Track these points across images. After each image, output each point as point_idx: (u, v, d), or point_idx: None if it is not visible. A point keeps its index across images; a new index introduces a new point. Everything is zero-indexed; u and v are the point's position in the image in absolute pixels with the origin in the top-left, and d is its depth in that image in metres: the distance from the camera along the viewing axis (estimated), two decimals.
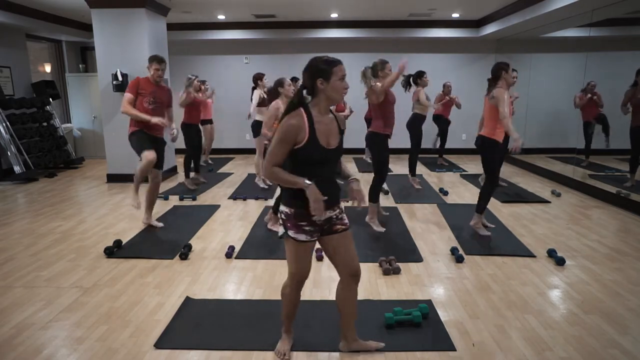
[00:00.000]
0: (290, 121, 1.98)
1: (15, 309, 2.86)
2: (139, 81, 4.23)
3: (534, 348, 2.41)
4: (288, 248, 2.17)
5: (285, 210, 2.11)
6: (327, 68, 2.00)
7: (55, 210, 5.16)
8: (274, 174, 2.02)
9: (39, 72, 8.79)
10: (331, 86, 2.01)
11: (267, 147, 4.00)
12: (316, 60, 2.02)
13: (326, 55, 2.06)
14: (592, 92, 6.61)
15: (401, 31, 8.65)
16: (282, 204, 2.13)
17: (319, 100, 2.05)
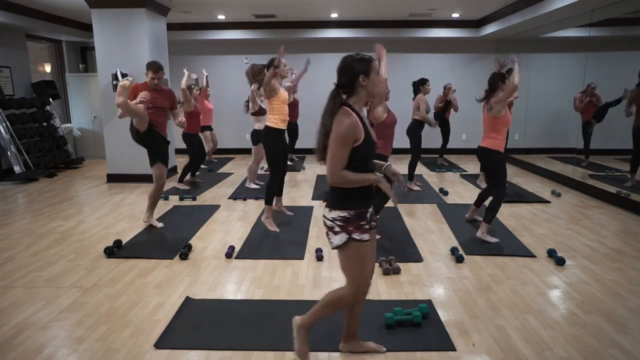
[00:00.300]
0: (347, 121, 1.94)
1: (15, 309, 2.86)
2: (137, 87, 4.21)
3: (534, 348, 2.41)
4: (352, 254, 2.05)
5: (342, 214, 2.01)
6: (366, 64, 1.99)
7: (55, 210, 5.16)
8: (344, 177, 1.96)
9: (39, 72, 8.78)
10: (372, 81, 2.00)
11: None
12: (352, 59, 2.00)
13: (357, 53, 2.03)
14: (591, 95, 6.61)
15: (401, 31, 8.65)
16: (333, 210, 2.03)
17: (359, 98, 2.03)
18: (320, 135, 2.03)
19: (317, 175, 7.22)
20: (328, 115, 2.00)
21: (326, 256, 3.74)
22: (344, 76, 2.01)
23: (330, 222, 2.04)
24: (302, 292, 3.11)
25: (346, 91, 2.02)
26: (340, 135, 1.93)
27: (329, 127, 1.98)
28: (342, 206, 2.02)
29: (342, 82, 2.02)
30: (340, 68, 2.02)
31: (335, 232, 2.03)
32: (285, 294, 3.07)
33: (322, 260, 3.66)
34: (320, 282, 3.26)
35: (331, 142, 1.95)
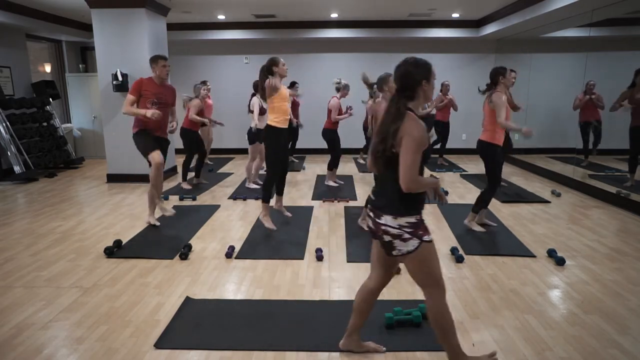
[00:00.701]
0: (420, 127, 1.91)
1: (15, 309, 2.86)
2: (142, 82, 4.23)
3: (534, 348, 2.41)
4: (426, 255, 2.00)
5: (411, 220, 1.96)
6: (427, 69, 1.99)
7: (55, 210, 5.16)
8: (419, 183, 1.93)
9: (39, 72, 8.79)
10: (431, 86, 2.00)
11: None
12: (414, 64, 1.98)
13: (413, 58, 2.00)
14: (590, 93, 6.61)
15: (401, 31, 8.65)
16: (399, 217, 1.96)
17: (419, 102, 2.01)
18: (380, 142, 1.97)
19: (317, 175, 7.22)
20: (392, 122, 1.94)
21: (326, 256, 3.74)
22: (406, 82, 1.98)
23: (397, 230, 1.96)
24: (302, 292, 3.11)
25: (407, 95, 1.98)
26: (416, 141, 1.89)
27: (392, 133, 1.92)
28: (410, 212, 1.98)
29: (404, 88, 1.98)
30: (402, 74, 1.98)
31: (404, 239, 1.97)
32: (285, 294, 3.07)
33: (322, 260, 3.66)
34: (320, 282, 3.26)
35: (406, 148, 1.88)
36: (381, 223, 2.00)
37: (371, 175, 7.15)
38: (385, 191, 2.03)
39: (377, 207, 2.04)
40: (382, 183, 2.08)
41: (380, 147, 1.96)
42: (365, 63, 9.14)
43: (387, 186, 2.01)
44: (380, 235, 2.02)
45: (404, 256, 2.00)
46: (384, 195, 2.03)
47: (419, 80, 1.96)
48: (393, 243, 1.99)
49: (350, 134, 8.69)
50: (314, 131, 8.68)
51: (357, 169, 7.80)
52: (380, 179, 2.09)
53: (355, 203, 5.49)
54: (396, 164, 1.92)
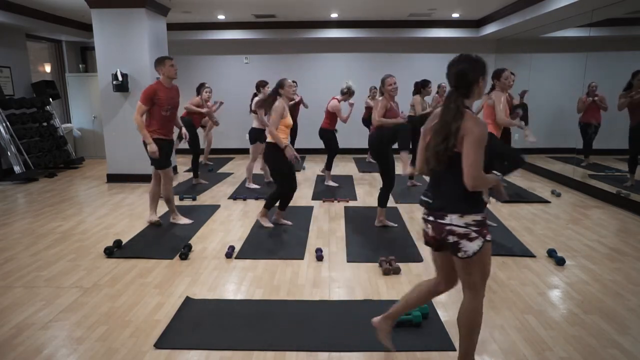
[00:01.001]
0: (482, 124, 1.90)
1: (15, 309, 2.86)
2: (154, 89, 4.16)
3: (534, 348, 2.41)
4: (486, 256, 1.97)
5: (477, 218, 1.93)
6: (484, 66, 1.98)
7: (55, 210, 5.16)
8: (484, 180, 1.91)
9: (39, 72, 8.79)
10: (485, 82, 2.00)
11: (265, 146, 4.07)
12: (472, 60, 1.97)
13: (468, 55, 2.00)
14: (593, 95, 6.60)
15: (401, 31, 8.65)
16: (465, 216, 1.92)
17: (473, 100, 2.00)
18: (442, 141, 1.91)
19: (317, 175, 7.22)
20: (453, 120, 1.90)
21: (326, 256, 3.74)
22: (463, 80, 1.95)
23: (464, 229, 1.92)
24: (302, 292, 3.11)
25: (462, 93, 1.96)
26: (480, 138, 1.87)
27: (454, 132, 1.88)
28: (475, 210, 1.94)
29: (460, 85, 1.96)
30: (458, 72, 1.96)
31: (470, 239, 1.92)
32: (285, 294, 3.07)
33: (322, 260, 3.66)
34: (320, 282, 3.26)
35: (469, 146, 1.86)
36: (445, 223, 1.95)
37: (371, 175, 7.16)
38: (446, 191, 1.98)
39: (438, 208, 1.98)
40: (441, 183, 2.01)
41: (442, 146, 1.91)
42: (365, 63, 9.15)
43: (449, 186, 1.97)
44: (444, 237, 1.97)
45: (469, 259, 1.94)
46: (445, 195, 1.98)
47: (475, 78, 1.95)
48: (459, 244, 1.93)
49: (350, 134, 8.70)
50: (313, 131, 8.67)
51: (357, 169, 7.80)
52: (440, 179, 2.02)
53: (355, 203, 5.49)
54: (458, 163, 1.89)
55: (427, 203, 2.04)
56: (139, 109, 4.15)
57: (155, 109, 4.19)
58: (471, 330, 2.05)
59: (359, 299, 3.00)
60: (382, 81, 4.26)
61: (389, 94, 4.22)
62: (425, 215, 2.06)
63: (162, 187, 4.46)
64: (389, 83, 4.21)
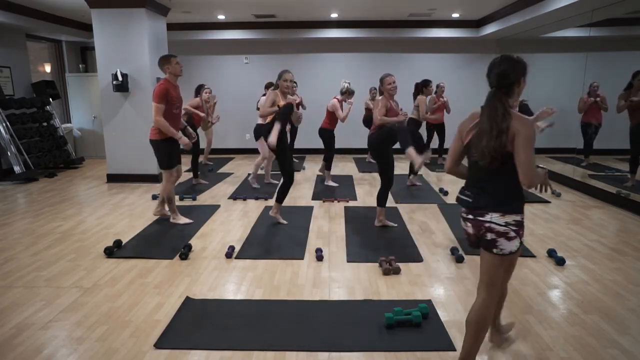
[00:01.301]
0: (529, 123, 1.92)
1: (15, 309, 2.86)
2: (167, 88, 4.15)
3: (534, 348, 2.41)
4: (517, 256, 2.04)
5: (517, 218, 1.96)
6: (525, 67, 2.02)
7: (55, 210, 5.16)
8: (537, 177, 1.94)
9: (39, 72, 8.79)
10: (525, 83, 2.03)
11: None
12: (515, 61, 2.00)
13: (509, 56, 2.03)
14: (595, 95, 6.60)
15: (401, 31, 8.65)
16: (507, 215, 1.95)
17: (514, 99, 2.02)
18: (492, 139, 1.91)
19: (317, 175, 7.22)
20: (501, 120, 1.91)
21: (326, 256, 3.74)
22: (505, 80, 1.98)
23: (504, 228, 1.94)
24: (302, 292, 3.11)
25: (504, 92, 1.99)
26: (531, 137, 1.89)
27: (504, 130, 1.90)
28: (516, 210, 1.97)
29: (502, 85, 1.98)
30: (501, 73, 1.98)
31: (509, 238, 1.95)
32: (285, 294, 3.07)
33: (322, 260, 3.66)
34: (320, 282, 3.26)
35: (523, 146, 1.88)
36: (485, 221, 1.98)
37: (371, 176, 7.16)
38: (488, 190, 1.99)
39: (479, 206, 2.00)
40: (483, 182, 2.01)
41: (494, 144, 1.91)
42: (365, 63, 9.15)
43: (491, 185, 1.98)
44: (482, 234, 2.00)
45: (502, 257, 1.98)
46: (488, 194, 1.99)
47: (517, 78, 1.98)
48: (497, 241, 1.96)
49: (350, 134, 8.71)
50: (313, 131, 8.68)
51: (357, 169, 7.79)
52: (482, 178, 2.02)
53: (355, 203, 5.49)
54: (505, 161, 1.92)
55: (467, 202, 2.05)
56: (158, 110, 4.11)
57: (167, 108, 4.20)
58: (480, 328, 2.06)
59: (359, 299, 3.00)
60: (381, 80, 4.29)
61: (388, 93, 4.24)
62: (465, 213, 2.08)
63: (164, 185, 4.47)
64: (388, 82, 4.23)
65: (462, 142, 2.10)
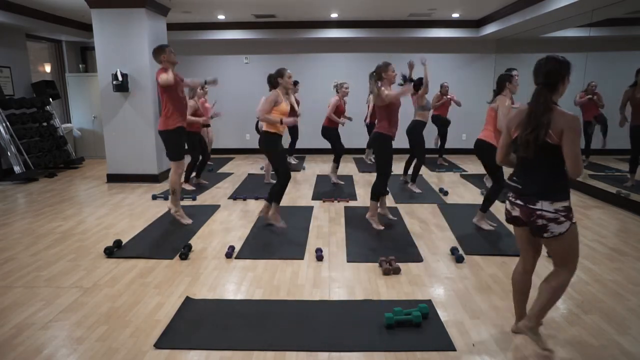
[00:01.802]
0: (576, 119, 2.11)
1: (15, 309, 2.86)
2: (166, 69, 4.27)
3: (534, 348, 2.41)
4: (574, 236, 2.20)
5: (565, 204, 2.15)
6: (569, 66, 2.17)
7: (55, 210, 5.16)
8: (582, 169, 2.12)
9: (39, 72, 8.79)
10: (569, 81, 2.19)
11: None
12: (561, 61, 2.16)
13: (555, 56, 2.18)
14: (592, 93, 6.62)
15: (401, 31, 8.65)
16: (555, 202, 2.13)
17: (557, 96, 2.20)
18: (530, 132, 2.13)
19: (317, 175, 7.22)
20: (542, 114, 2.11)
21: (326, 256, 3.74)
22: (552, 78, 2.16)
23: (553, 214, 2.13)
24: (302, 292, 3.11)
25: (550, 90, 2.16)
26: (578, 133, 2.08)
27: (545, 125, 2.09)
28: (564, 197, 2.15)
29: (548, 83, 2.16)
30: (549, 71, 2.15)
31: (558, 222, 2.14)
32: (285, 294, 3.07)
33: (322, 260, 3.66)
34: (320, 282, 3.26)
35: (572, 141, 2.07)
36: (537, 208, 2.16)
37: (372, 175, 7.15)
38: (537, 179, 2.18)
39: (529, 194, 2.19)
40: (531, 171, 2.21)
41: (532, 136, 2.12)
42: (365, 63, 9.12)
43: (539, 174, 2.18)
44: (533, 220, 2.18)
45: (554, 237, 2.17)
46: (536, 183, 2.18)
47: (562, 77, 2.16)
48: (547, 226, 2.15)
49: (350, 134, 8.70)
50: (313, 131, 8.68)
51: (357, 169, 7.79)
52: (530, 167, 2.21)
53: (355, 203, 5.49)
54: (549, 153, 2.12)
55: (518, 188, 2.25)
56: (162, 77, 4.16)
57: (173, 95, 4.29)
58: (551, 302, 2.31)
59: (359, 299, 3.00)
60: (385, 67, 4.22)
61: (389, 81, 4.23)
62: (513, 198, 2.29)
63: (172, 177, 4.49)
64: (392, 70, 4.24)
65: (510, 136, 2.31)
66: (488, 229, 4.37)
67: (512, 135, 2.30)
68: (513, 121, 2.29)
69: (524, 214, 2.22)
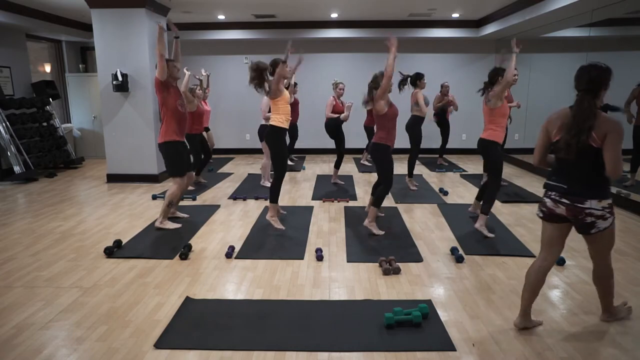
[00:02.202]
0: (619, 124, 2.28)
1: (15, 309, 2.86)
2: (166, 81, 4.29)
3: (533, 348, 2.41)
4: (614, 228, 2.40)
5: (609, 201, 2.34)
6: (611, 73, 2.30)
7: (55, 210, 5.16)
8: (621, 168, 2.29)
9: (39, 72, 8.78)
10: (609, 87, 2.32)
11: None
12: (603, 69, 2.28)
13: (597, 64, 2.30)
14: None
15: (401, 31, 8.64)
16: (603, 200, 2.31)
17: (599, 102, 2.33)
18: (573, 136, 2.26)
19: (317, 175, 7.22)
20: (586, 119, 2.24)
21: (326, 256, 3.74)
22: (595, 85, 2.28)
23: (600, 211, 2.31)
24: (302, 292, 3.11)
25: (593, 95, 2.28)
26: (621, 136, 2.26)
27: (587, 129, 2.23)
28: (608, 196, 2.34)
29: (591, 89, 2.28)
30: (592, 78, 2.27)
31: (605, 219, 2.33)
32: (285, 294, 3.07)
33: (322, 260, 3.66)
34: (320, 282, 3.26)
35: (615, 144, 2.24)
36: (585, 207, 2.32)
37: (372, 175, 7.16)
38: (582, 179, 2.34)
39: (576, 193, 2.34)
40: (575, 172, 2.35)
41: (574, 140, 2.26)
42: (365, 63, 9.14)
43: (584, 174, 2.33)
44: (581, 218, 2.34)
45: (600, 232, 2.35)
46: (583, 183, 2.34)
47: (605, 83, 2.30)
48: (595, 223, 2.33)
49: (350, 134, 8.69)
50: (313, 131, 8.69)
51: (357, 169, 7.79)
52: (572, 168, 2.36)
53: (355, 203, 5.49)
54: (592, 155, 2.27)
55: (563, 188, 2.39)
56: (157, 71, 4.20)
57: (171, 103, 4.25)
58: (607, 286, 2.58)
59: (359, 299, 3.00)
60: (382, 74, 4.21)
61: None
62: (557, 197, 2.41)
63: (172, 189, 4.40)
64: None
65: (550, 138, 2.45)
66: (489, 236, 4.18)
67: (552, 138, 2.42)
68: (554, 124, 2.41)
69: (571, 212, 2.36)
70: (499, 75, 4.19)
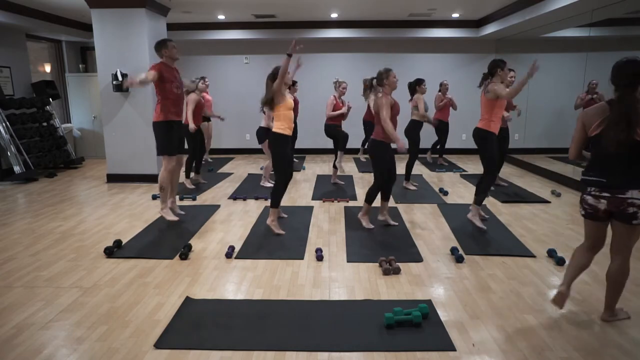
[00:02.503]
0: None
1: (15, 309, 2.86)
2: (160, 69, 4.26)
3: (533, 348, 2.41)
4: None
5: None
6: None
7: (55, 210, 5.16)
8: None
9: (39, 72, 8.78)
10: None
11: None
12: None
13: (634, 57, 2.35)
14: (593, 92, 6.61)
15: (401, 31, 8.65)
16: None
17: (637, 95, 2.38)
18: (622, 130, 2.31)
19: (317, 175, 7.22)
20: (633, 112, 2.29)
21: (326, 256, 3.74)
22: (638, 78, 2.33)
23: None
24: (302, 292, 3.11)
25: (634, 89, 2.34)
26: None
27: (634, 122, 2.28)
28: None
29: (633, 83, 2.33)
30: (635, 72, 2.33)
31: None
32: (285, 294, 3.07)
33: (322, 260, 3.66)
34: (320, 282, 3.26)
35: None
36: (627, 197, 2.36)
37: (371, 175, 7.15)
38: (623, 171, 2.38)
39: (616, 186, 2.39)
40: (614, 165, 2.40)
41: (624, 134, 2.30)
42: (365, 63, 9.15)
43: (624, 166, 2.37)
44: (623, 209, 2.38)
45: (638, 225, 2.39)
46: (624, 174, 2.38)
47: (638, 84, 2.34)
48: (637, 213, 2.36)
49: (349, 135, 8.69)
50: (313, 131, 8.69)
51: (357, 169, 7.79)
52: (611, 161, 2.41)
53: (355, 203, 5.49)
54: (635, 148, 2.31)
55: (602, 182, 2.44)
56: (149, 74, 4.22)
57: (167, 87, 4.29)
58: (620, 285, 2.58)
59: (359, 299, 3.00)
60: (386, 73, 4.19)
61: (391, 87, 4.22)
62: (597, 192, 2.46)
63: (160, 172, 4.45)
64: (393, 75, 4.22)
65: (587, 133, 2.49)
66: (480, 226, 4.37)
67: (590, 132, 2.46)
68: (592, 119, 2.46)
69: (613, 204, 2.40)
70: (498, 67, 4.19)
